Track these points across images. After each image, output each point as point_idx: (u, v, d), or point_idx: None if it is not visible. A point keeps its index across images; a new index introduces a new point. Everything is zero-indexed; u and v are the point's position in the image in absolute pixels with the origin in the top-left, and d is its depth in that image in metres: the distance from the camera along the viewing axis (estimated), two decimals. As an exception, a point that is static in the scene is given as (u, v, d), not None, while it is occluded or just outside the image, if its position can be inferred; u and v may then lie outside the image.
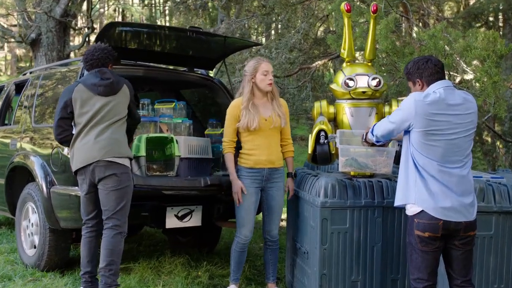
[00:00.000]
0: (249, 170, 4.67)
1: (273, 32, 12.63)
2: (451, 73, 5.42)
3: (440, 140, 3.58)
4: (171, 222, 5.18)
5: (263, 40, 13.66)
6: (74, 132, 4.49)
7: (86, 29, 17.92)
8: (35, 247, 5.50)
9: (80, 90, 4.46)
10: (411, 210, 3.68)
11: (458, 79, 5.70)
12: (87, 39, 18.01)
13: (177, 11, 13.59)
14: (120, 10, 31.75)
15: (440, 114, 3.58)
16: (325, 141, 4.53)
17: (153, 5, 29.22)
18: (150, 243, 6.87)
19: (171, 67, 6.61)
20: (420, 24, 7.21)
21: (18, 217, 5.79)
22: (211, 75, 6.76)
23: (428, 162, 3.60)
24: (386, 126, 3.82)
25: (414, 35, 7.20)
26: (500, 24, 11.64)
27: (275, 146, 4.74)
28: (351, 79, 4.57)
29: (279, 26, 10.54)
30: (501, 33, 10.56)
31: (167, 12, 30.36)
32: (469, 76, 5.66)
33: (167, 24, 27.37)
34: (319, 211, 4.31)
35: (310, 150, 4.65)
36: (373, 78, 4.54)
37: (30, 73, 6.72)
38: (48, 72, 6.04)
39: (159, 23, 29.23)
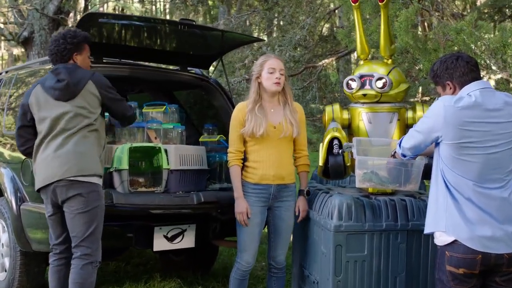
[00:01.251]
0: (254, 186, 4.00)
1: (275, 29, 11.97)
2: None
3: (476, 155, 2.95)
4: (160, 244, 4.51)
5: (265, 37, 13.00)
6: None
7: (81, 27, 17.31)
8: (6, 271, 4.83)
9: (37, 92, 3.82)
10: (440, 240, 3.05)
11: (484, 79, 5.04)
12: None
13: (174, 8, 12.92)
14: (120, 8, 31.17)
15: (477, 122, 2.94)
16: (339, 151, 3.85)
17: (153, 2, 28.57)
18: (139, 261, 6.20)
19: (161, 65, 5.92)
20: (436, 17, 6.53)
21: (-12, 235, 5.12)
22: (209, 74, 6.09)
23: (461, 181, 2.98)
24: (412, 135, 3.19)
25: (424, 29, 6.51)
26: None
27: (286, 159, 4.06)
28: (353, 79, 3.97)
29: (281, 23, 9.88)
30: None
31: (167, 10, 29.77)
32: (497, 76, 5.01)
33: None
34: (332, 236, 3.66)
35: (321, 162, 3.97)
36: (378, 79, 3.89)
37: (6, 72, 6.04)
38: (23, 72, 5.36)
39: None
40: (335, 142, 3.89)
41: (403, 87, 4.02)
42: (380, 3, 3.90)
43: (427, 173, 3.57)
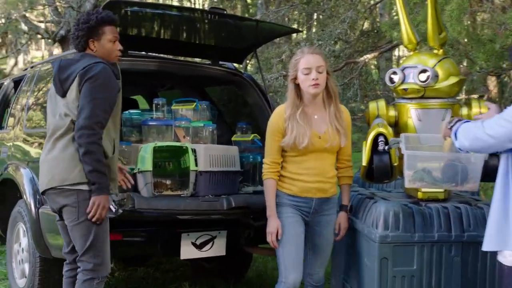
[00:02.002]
0: (292, 198, 3.45)
1: (315, 23, 11.58)
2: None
3: None
4: (188, 251, 4.17)
5: (304, 33, 12.60)
6: None
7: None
8: (26, 277, 4.56)
9: (52, 86, 3.45)
10: (510, 260, 2.63)
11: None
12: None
13: (212, 5, 12.63)
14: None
15: None
16: (386, 147, 3.42)
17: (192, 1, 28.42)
18: (169, 267, 5.87)
19: (190, 59, 5.57)
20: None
21: (9, 238, 4.88)
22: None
23: None
24: (480, 137, 2.68)
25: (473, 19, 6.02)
26: None
27: (330, 171, 3.50)
28: (395, 72, 3.57)
29: (321, 17, 9.47)
30: None
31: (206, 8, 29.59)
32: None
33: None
34: (377, 247, 3.27)
35: (364, 162, 3.53)
36: (422, 71, 3.46)
37: (32, 67, 5.79)
38: (46, 67, 5.08)
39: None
40: (381, 138, 3.47)
41: (453, 80, 3.58)
42: None
43: (486, 174, 3.16)
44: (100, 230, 3.29)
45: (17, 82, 5.73)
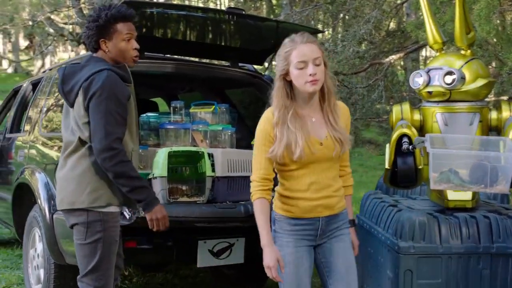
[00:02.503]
0: (296, 221, 2.82)
1: (340, 23, 11.42)
2: None
3: None
4: (204, 259, 4.06)
5: (329, 33, 12.43)
6: None
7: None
8: (41, 283, 4.49)
9: None
10: None
11: None
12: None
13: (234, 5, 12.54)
14: (184, 9, 31.09)
15: None
16: (410, 147, 3.24)
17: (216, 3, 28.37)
18: (188, 273, 5.76)
19: (207, 61, 5.46)
20: None
21: (25, 243, 4.82)
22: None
23: None
24: None
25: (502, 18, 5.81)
26: None
27: (335, 183, 2.87)
28: (419, 74, 3.39)
29: (346, 17, 9.31)
30: None
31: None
32: None
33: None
34: (401, 259, 3.12)
35: (387, 165, 3.35)
36: (447, 73, 3.28)
37: (50, 70, 5.72)
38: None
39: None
40: (404, 139, 3.30)
41: (482, 82, 3.38)
42: None
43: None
44: (106, 253, 3.08)
45: (35, 85, 5.68)
